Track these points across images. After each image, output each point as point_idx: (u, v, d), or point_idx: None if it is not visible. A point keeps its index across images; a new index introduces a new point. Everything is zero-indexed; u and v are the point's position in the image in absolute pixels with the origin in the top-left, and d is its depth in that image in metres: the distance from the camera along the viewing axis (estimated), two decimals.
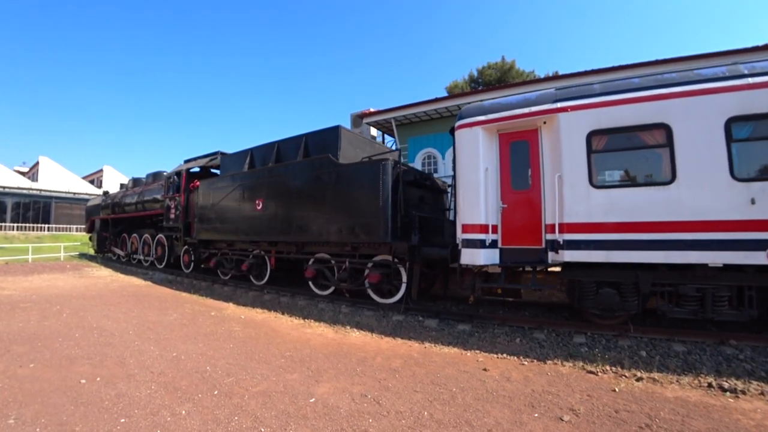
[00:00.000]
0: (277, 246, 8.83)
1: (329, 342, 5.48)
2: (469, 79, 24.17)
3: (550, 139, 5.83)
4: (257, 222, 8.79)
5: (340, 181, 7.34)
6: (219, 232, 9.92)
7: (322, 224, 7.62)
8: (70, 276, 12.44)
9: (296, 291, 8.80)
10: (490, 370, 4.26)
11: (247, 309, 7.83)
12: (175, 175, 11.78)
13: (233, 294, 9.27)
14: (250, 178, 9.10)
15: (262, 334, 5.86)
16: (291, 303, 8.08)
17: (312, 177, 7.82)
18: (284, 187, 8.29)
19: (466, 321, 6.34)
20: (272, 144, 9.15)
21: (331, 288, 8.15)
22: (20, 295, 8.72)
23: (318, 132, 8.39)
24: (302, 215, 7.95)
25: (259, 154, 9.45)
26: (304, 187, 7.93)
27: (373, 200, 6.83)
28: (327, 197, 7.54)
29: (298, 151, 8.50)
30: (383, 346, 5.28)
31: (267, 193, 8.60)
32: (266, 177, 8.69)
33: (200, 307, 7.82)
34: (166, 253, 12.99)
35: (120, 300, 8.38)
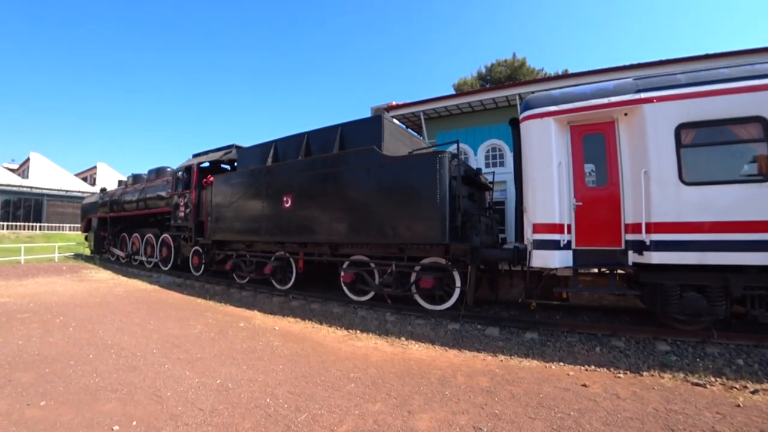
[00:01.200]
0: (307, 247, 7.93)
1: (391, 358, 4.70)
2: (477, 76, 23.46)
3: (630, 132, 5.30)
4: (284, 221, 7.88)
5: (388, 175, 6.54)
6: (237, 232, 8.97)
7: (363, 223, 6.81)
8: (69, 279, 11.32)
9: (327, 296, 7.94)
10: (590, 385, 3.77)
11: (277, 318, 6.93)
12: (184, 170, 10.76)
13: (254, 300, 8.35)
14: (276, 173, 8.18)
15: (310, 350, 4.99)
16: (324, 310, 7.23)
17: (352, 171, 6.98)
18: (318, 182, 7.42)
19: (531, 329, 5.71)
20: (300, 136, 8.24)
21: (370, 294, 7.31)
22: (16, 303, 7.66)
23: (356, 122, 7.56)
24: (339, 213, 7.11)
25: (285, 146, 8.53)
26: (343, 183, 7.09)
27: (428, 197, 6.07)
28: (370, 193, 6.73)
29: (332, 143, 7.62)
30: (454, 360, 4.60)
31: (297, 189, 7.70)
32: (296, 171, 7.79)
33: (223, 316, 6.89)
34: (172, 255, 11.96)
35: (130, 308, 7.39)
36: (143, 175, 15.86)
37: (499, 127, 11.45)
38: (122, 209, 15.13)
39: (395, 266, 6.72)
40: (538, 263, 5.45)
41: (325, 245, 7.61)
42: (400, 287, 6.79)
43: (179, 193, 10.76)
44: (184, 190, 10.64)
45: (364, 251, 7.24)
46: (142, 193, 13.88)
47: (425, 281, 6.37)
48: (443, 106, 11.55)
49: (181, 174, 11.03)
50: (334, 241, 7.34)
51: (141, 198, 13.84)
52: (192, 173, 10.38)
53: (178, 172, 11.05)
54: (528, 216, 5.73)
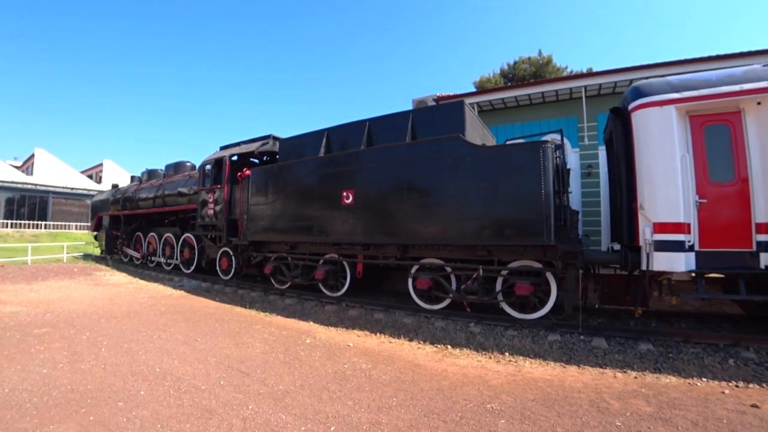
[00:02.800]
0: (369, 249, 6.83)
1: (511, 379, 3.90)
2: (501, 73, 22.45)
3: (761, 122, 4.67)
4: (343, 219, 6.78)
5: (477, 167, 5.55)
6: (280, 232, 7.82)
7: (443, 222, 5.79)
8: (83, 283, 10.11)
9: (390, 305, 6.87)
10: (761, 405, 3.22)
11: (342, 331, 5.82)
12: (213, 163, 9.59)
13: (302, 309, 7.22)
14: (333, 165, 7.06)
15: (411, 374, 4.00)
16: (392, 321, 6.16)
17: (432, 163, 5.95)
18: (387, 175, 6.36)
19: (641, 339, 5.00)
20: (359, 123, 7.15)
21: (445, 301, 6.27)
22: (29, 313, 6.46)
23: (431, 109, 6.67)
24: (413, 211, 6.07)
25: (340, 136, 7.43)
26: (419, 176, 6.04)
27: (530, 193, 5.16)
28: (454, 188, 5.70)
29: (401, 131, 6.56)
30: (583, 379, 3.91)
31: (361, 183, 6.61)
32: (359, 163, 6.70)
33: (279, 330, 5.75)
34: (195, 256, 10.77)
35: (164, 320, 6.23)
36: (159, 171, 14.69)
37: (551, 123, 10.44)
38: (137, 207, 13.92)
39: (482, 270, 5.72)
40: (662, 266, 4.79)
41: (393, 247, 6.52)
42: (488, 294, 5.80)
43: (207, 188, 9.59)
44: (213, 186, 9.48)
45: (439, 254, 6.19)
46: (159, 190, 12.69)
47: (522, 287, 5.43)
48: (499, 97, 10.47)
49: (208, 168, 9.86)
50: (406, 243, 6.28)
51: (158, 195, 12.65)
52: (223, 167, 9.22)
53: (206, 166, 9.88)
54: (646, 214, 4.98)
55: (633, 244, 5.19)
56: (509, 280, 5.65)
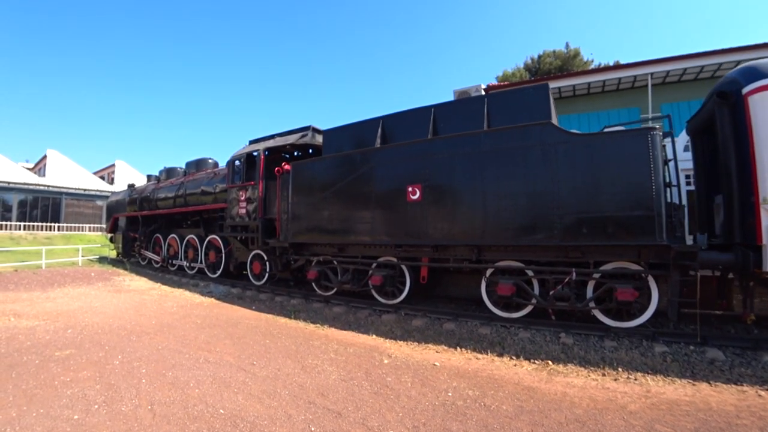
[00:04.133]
0: (437, 251, 5.86)
1: (649, 403, 3.23)
2: (524, 67, 21.41)
3: None
4: (409, 218, 5.87)
5: (572, 158, 4.77)
6: (328, 233, 6.85)
7: (530, 220, 4.98)
8: (102, 290, 9.18)
9: (458, 313, 5.97)
10: None
11: (417, 346, 4.94)
12: (244, 158, 8.63)
13: (354, 319, 6.26)
14: (393, 157, 6.14)
15: (531, 402, 3.27)
16: (467, 332, 5.34)
17: (515, 152, 5.12)
18: (462, 167, 5.47)
19: (761, 349, 4.30)
20: (423, 111, 6.26)
21: (526, 309, 5.42)
22: (47, 329, 5.52)
23: (509, 93, 5.81)
24: (493, 207, 5.20)
25: (399, 124, 6.50)
26: (501, 168, 5.19)
27: (638, 186, 4.47)
28: (542, 182, 4.91)
29: (472, 118, 5.74)
30: (727, 399, 3.27)
31: (429, 177, 5.69)
32: (427, 154, 5.77)
33: (343, 347, 4.79)
34: (222, 260, 9.82)
35: (204, 335, 5.26)
36: (178, 169, 13.78)
37: (610, 114, 9.45)
38: (155, 207, 13.00)
39: (576, 274, 4.90)
40: None
41: (465, 248, 5.59)
42: (579, 301, 5.00)
43: (239, 185, 8.63)
44: (244, 183, 8.52)
45: (521, 255, 5.30)
46: (180, 189, 11.76)
47: (624, 293, 4.63)
48: (569, 84, 9.46)
49: (238, 164, 8.91)
50: (482, 244, 5.36)
51: (180, 194, 11.72)
52: (257, 161, 8.26)
53: (235, 162, 8.93)
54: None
55: (750, 242, 4.38)
56: (604, 284, 4.88)
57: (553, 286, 5.09)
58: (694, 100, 9.04)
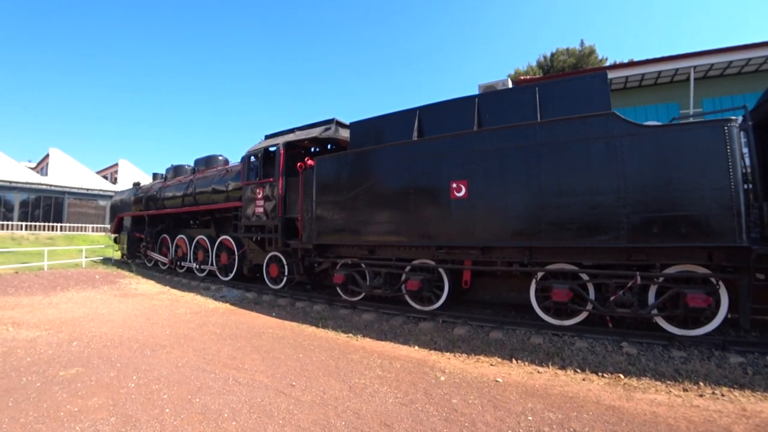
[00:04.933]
0: (484, 253, 5.27)
1: (752, 424, 2.80)
2: (537, 65, 20.84)
3: None
4: (453, 217, 5.28)
5: (639, 152, 4.29)
6: (358, 234, 6.22)
7: (591, 219, 4.45)
8: (108, 294, 8.53)
9: (503, 320, 5.40)
10: None
11: (467, 359, 4.41)
12: (262, 153, 7.99)
13: (388, 327, 5.66)
14: (434, 151, 5.54)
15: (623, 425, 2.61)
16: (518, 342, 4.79)
17: (574, 146, 4.59)
18: (513, 162, 4.93)
19: None
20: (465, 101, 5.75)
21: (580, 315, 4.90)
22: (50, 341, 4.87)
23: (563, 82, 5.43)
24: (548, 206, 4.67)
25: (437, 116, 5.95)
26: (558, 162, 4.65)
27: (715, 183, 3.97)
28: (605, 177, 4.41)
29: (520, 109, 5.25)
30: None
31: (477, 173, 5.13)
32: (473, 148, 5.21)
33: (387, 362, 4.17)
34: (235, 262, 9.17)
35: (228, 348, 4.62)
36: (186, 167, 13.15)
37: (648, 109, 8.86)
38: (162, 206, 12.37)
39: (640, 278, 4.40)
40: None
41: (514, 250, 5.05)
42: (641, 307, 4.48)
43: (256, 183, 7.99)
44: (262, 180, 7.88)
45: (576, 258, 4.78)
46: (189, 187, 11.12)
47: (695, 298, 4.14)
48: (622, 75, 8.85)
49: (254, 159, 8.28)
50: (534, 245, 4.83)
51: (188, 192, 11.08)
52: (277, 157, 7.62)
53: (251, 157, 8.30)
54: None
55: None
56: (668, 289, 4.39)
57: (614, 290, 4.57)
58: (737, 95, 8.47)
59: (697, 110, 8.26)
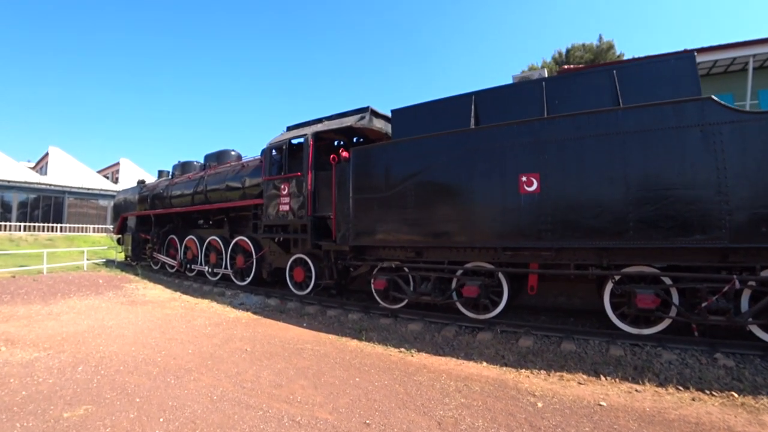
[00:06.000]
0: (556, 255, 4.55)
1: None
2: (552, 61, 20.10)
3: None
4: (522, 214, 4.56)
5: (744, 141, 3.67)
6: (403, 234, 5.40)
7: (683, 216, 3.82)
8: (114, 301, 7.63)
9: (571, 329, 4.71)
10: None
11: (549, 377, 3.69)
12: (286, 145, 7.13)
13: (441, 339, 4.91)
14: (497, 140, 4.80)
15: None
16: (598, 355, 4.09)
17: (665, 134, 3.94)
18: (592, 152, 4.23)
19: None
20: (529, 85, 5.10)
21: (662, 324, 4.22)
22: (50, 365, 3.98)
23: (645, 65, 5.00)
24: (632, 201, 4.02)
25: (497, 101, 5.27)
26: (644, 153, 4.01)
27: None
28: (707, 170, 3.76)
29: (597, 94, 4.64)
30: None
31: (550, 165, 4.41)
32: (545, 137, 4.47)
33: (463, 384, 3.38)
34: (253, 265, 8.31)
35: (267, 372, 3.77)
36: (195, 163, 12.27)
37: None
38: (169, 205, 11.47)
39: (738, 281, 3.75)
40: None
41: (587, 252, 4.35)
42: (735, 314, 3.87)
43: (281, 177, 7.11)
44: (287, 174, 7.01)
45: (659, 259, 4.10)
46: (200, 185, 10.24)
47: None
48: None
49: (275, 153, 7.42)
50: (611, 246, 4.14)
51: (199, 190, 10.19)
52: (305, 149, 6.75)
53: (272, 150, 7.44)
54: None
55: None
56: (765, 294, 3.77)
57: (705, 296, 3.91)
58: None
59: None
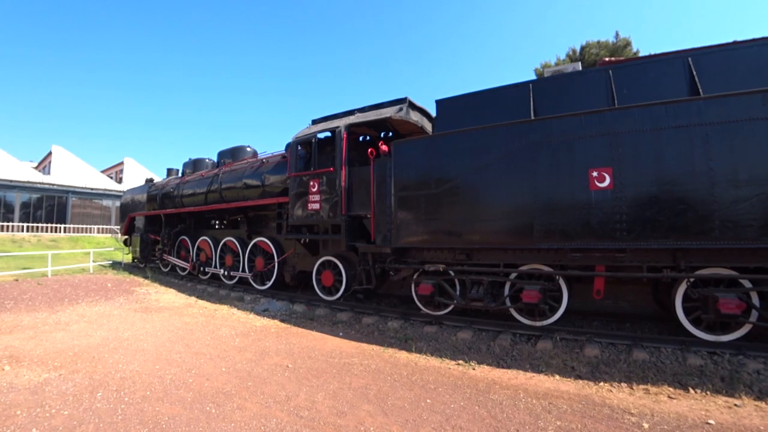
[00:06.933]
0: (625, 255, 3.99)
1: None
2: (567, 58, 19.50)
3: None
4: (593, 211, 4.07)
5: None
6: (453, 234, 4.80)
7: None
8: (126, 307, 6.97)
9: (637, 336, 4.16)
10: None
11: (632, 390, 3.09)
12: (315, 138, 6.50)
13: (498, 348, 4.32)
14: (562, 132, 4.26)
15: None
16: (668, 363, 3.67)
17: (753, 126, 3.49)
18: (672, 146, 3.77)
19: None
20: (593, 73, 4.61)
21: (742, 330, 3.79)
22: (63, 389, 3.33)
23: (727, 51, 4.10)
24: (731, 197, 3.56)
25: (558, 91, 4.72)
26: (735, 146, 3.53)
27: None
28: None
29: (670, 83, 4.19)
30: None
31: (625, 159, 3.92)
32: (616, 128, 3.98)
33: (545, 401, 2.77)
34: (275, 268, 7.66)
35: (321, 395, 3.14)
36: (207, 161, 11.63)
37: None
38: (181, 204, 10.82)
39: None
40: None
41: (659, 253, 3.90)
42: None
43: (309, 173, 6.47)
44: (317, 170, 6.37)
45: (744, 260, 3.63)
46: (214, 183, 9.59)
47: None
48: None
49: (302, 148, 6.79)
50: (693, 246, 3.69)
51: (213, 189, 9.54)
52: (338, 141, 6.12)
53: (298, 145, 6.80)
54: None
55: None
56: None
57: None
58: None
59: None
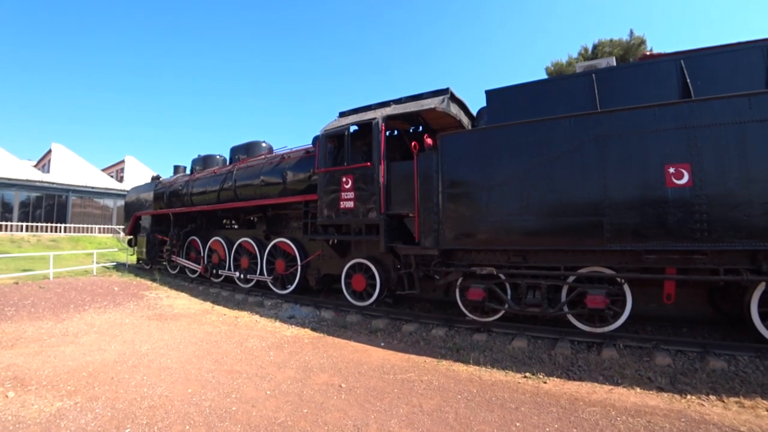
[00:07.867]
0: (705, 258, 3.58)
1: None
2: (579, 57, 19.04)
3: None
4: (670, 210, 3.66)
5: None
6: (512, 234, 4.28)
7: None
8: (138, 315, 6.34)
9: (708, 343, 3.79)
10: None
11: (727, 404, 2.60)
12: (348, 130, 5.91)
13: (561, 357, 3.73)
14: (633, 126, 3.83)
15: None
16: (754, 374, 3.29)
17: None
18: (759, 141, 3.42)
19: None
20: (661, 63, 4.20)
21: None
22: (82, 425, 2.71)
23: None
24: None
25: (623, 81, 4.31)
26: None
27: None
28: None
29: (749, 72, 3.88)
30: None
31: (704, 155, 3.55)
32: (694, 122, 3.61)
33: (644, 420, 2.20)
34: (298, 271, 7.06)
35: (393, 421, 2.56)
36: (218, 157, 11.01)
37: None
38: (190, 203, 10.18)
39: None
40: None
41: (735, 254, 3.56)
42: None
43: (342, 169, 5.86)
44: (351, 165, 5.77)
45: None
46: (227, 180, 8.97)
47: None
48: None
49: (332, 142, 6.20)
50: None
51: (227, 186, 8.92)
52: (374, 134, 5.52)
53: (328, 139, 6.21)
54: None
55: None
56: None
57: None
58: None
59: None
